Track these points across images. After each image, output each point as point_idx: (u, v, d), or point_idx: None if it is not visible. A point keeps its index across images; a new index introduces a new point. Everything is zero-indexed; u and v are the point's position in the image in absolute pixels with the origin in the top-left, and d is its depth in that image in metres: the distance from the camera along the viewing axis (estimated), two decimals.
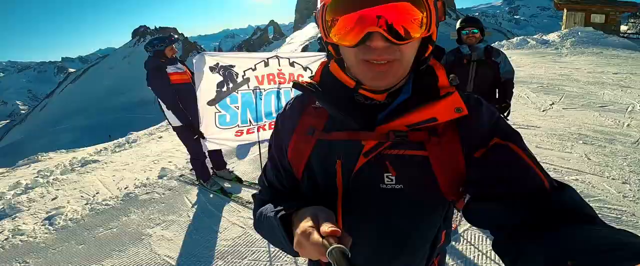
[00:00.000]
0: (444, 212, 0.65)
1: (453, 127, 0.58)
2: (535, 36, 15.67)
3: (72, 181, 4.46)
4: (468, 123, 0.57)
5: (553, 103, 5.70)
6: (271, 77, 3.05)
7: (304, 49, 60.35)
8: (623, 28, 18.59)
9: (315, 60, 3.18)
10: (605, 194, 2.85)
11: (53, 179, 4.48)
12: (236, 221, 3.03)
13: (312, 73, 3.10)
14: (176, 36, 3.42)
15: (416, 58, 0.58)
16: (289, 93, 3.16)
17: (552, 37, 14.47)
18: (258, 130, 3.10)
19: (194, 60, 2.85)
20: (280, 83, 3.10)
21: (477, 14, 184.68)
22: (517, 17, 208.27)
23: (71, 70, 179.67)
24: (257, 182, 3.43)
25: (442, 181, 0.57)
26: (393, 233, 0.64)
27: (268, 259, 2.50)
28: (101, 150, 5.96)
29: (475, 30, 2.70)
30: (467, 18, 2.85)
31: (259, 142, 3.15)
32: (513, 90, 2.89)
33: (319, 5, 0.57)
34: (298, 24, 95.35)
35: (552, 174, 3.14)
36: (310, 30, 78.09)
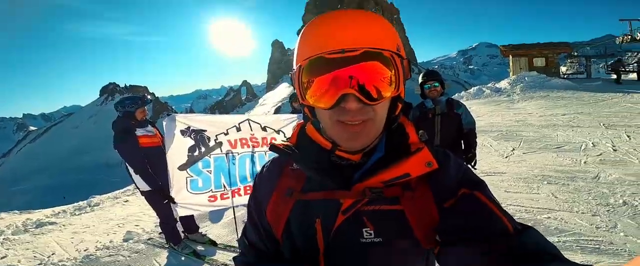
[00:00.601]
0: (424, 260, 0.65)
1: (424, 181, 0.61)
2: (488, 84, 17.31)
3: (25, 241, 4.18)
4: (438, 176, 0.61)
5: (514, 149, 6.20)
6: (244, 141, 3.04)
7: (277, 110, 61.80)
8: (562, 69, 20.93)
9: (287, 124, 3.23)
10: (578, 228, 3.06)
11: (3, 239, 4.19)
12: None
13: (284, 136, 3.14)
14: (149, 97, 3.40)
15: (387, 116, 0.62)
16: (264, 157, 3.13)
17: (503, 84, 16.06)
18: (233, 195, 3.02)
19: (165, 123, 2.81)
20: (253, 147, 3.08)
21: (436, 66, 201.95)
22: (471, 66, 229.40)
23: (32, 128, 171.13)
24: (235, 244, 3.36)
25: (418, 231, 0.59)
26: None
27: None
28: (59, 212, 5.65)
29: (436, 84, 2.94)
30: (427, 72, 3.10)
31: (233, 207, 3.08)
32: (476, 139, 3.10)
33: (294, 67, 0.61)
34: (270, 84, 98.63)
35: (523, 215, 3.41)
36: (283, 90, 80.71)
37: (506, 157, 5.77)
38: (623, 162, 4.80)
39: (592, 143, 6.00)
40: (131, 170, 3.05)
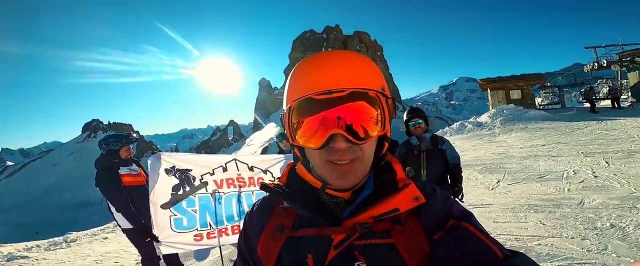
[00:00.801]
0: None
1: (413, 215, 0.62)
2: (470, 120, 17.96)
3: None
4: (426, 209, 0.63)
5: (499, 181, 6.29)
6: (231, 181, 3.02)
7: (264, 151, 61.34)
8: (538, 100, 21.91)
9: (274, 163, 3.23)
10: (570, 252, 3.05)
11: None
12: None
13: (272, 176, 3.14)
14: (134, 136, 3.36)
15: (375, 154, 0.64)
16: (251, 196, 3.10)
17: (484, 118, 16.66)
18: (220, 235, 2.96)
19: (150, 161, 2.78)
20: (240, 186, 3.05)
21: (419, 103, 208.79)
22: (453, 102, 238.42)
23: (9, 163, 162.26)
24: None
25: (410, 262, 0.59)
26: None
27: None
28: (32, 247, 5.25)
29: (421, 121, 3.05)
30: (412, 110, 3.19)
31: (220, 246, 3.03)
32: (461, 173, 3.16)
33: (284, 108, 0.64)
34: (257, 124, 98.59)
35: (514, 243, 3.38)
36: (270, 130, 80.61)
37: (492, 189, 5.84)
38: (605, 187, 4.92)
39: (573, 171, 6.17)
40: (113, 208, 3.00)
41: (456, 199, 2.99)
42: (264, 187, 0.70)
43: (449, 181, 3.17)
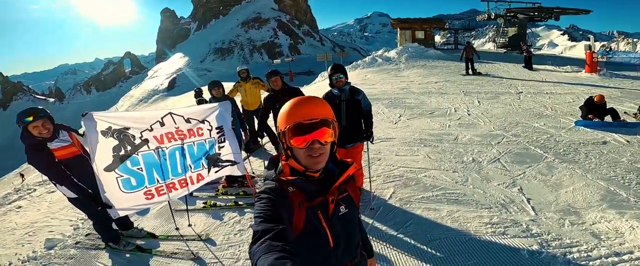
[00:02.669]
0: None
1: (352, 177, 1.24)
2: (380, 52, 19.17)
3: None
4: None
5: (400, 116, 7.20)
6: (170, 135, 3.00)
7: (172, 82, 55.91)
8: (437, 38, 24.88)
9: (210, 113, 3.24)
10: (444, 183, 3.89)
11: None
12: None
13: (209, 125, 3.28)
14: (42, 108, 2.88)
15: (331, 150, 1.15)
16: (193, 148, 3.14)
17: (392, 54, 17.95)
18: (169, 190, 3.02)
19: (82, 123, 2.60)
20: (181, 139, 3.06)
21: (335, 33, 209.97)
22: (366, 34, 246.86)
23: None
24: (174, 233, 3.38)
25: (356, 201, 1.25)
26: (351, 232, 1.25)
27: None
28: None
29: (342, 76, 3.37)
30: (334, 66, 3.48)
31: (169, 201, 3.14)
32: (372, 120, 3.63)
33: (281, 128, 1.10)
34: (160, 55, 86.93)
35: (409, 174, 4.13)
36: (177, 61, 72.08)
37: (395, 123, 6.67)
38: (473, 125, 6.14)
39: (454, 108, 7.42)
40: (54, 182, 2.83)
41: (368, 141, 3.44)
42: (287, 182, 1.11)
43: (363, 126, 3.56)
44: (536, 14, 22.60)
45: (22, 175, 11.95)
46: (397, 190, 3.82)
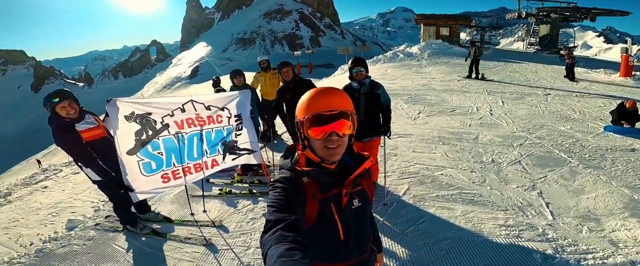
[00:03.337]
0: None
1: (368, 171, 1.23)
2: (402, 48, 18.85)
3: None
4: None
5: (420, 112, 7.07)
6: (190, 121, 3.11)
7: (195, 70, 57.09)
8: (463, 36, 24.17)
9: (229, 101, 3.32)
10: (461, 182, 3.82)
11: None
12: (182, 257, 2.97)
13: (228, 112, 3.38)
14: (69, 90, 3.03)
15: (348, 143, 1.13)
16: (211, 134, 3.24)
17: (415, 50, 17.58)
18: (185, 174, 3.13)
19: (106, 108, 2.71)
20: (201, 125, 3.15)
21: (357, 27, 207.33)
22: (389, 28, 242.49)
23: None
24: (189, 218, 3.50)
25: (370, 195, 1.24)
26: (363, 226, 1.25)
27: None
28: None
29: (362, 69, 3.35)
30: (355, 59, 3.47)
31: (186, 185, 3.25)
32: (391, 115, 3.60)
33: (300, 117, 1.09)
34: (185, 43, 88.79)
35: (425, 172, 4.09)
36: (201, 50, 73.51)
37: (414, 120, 6.57)
38: (495, 125, 5.97)
39: (477, 107, 7.24)
40: (81, 164, 2.96)
41: (385, 136, 3.45)
42: (303, 173, 1.11)
43: (382, 121, 3.57)
44: (570, 13, 21.45)
45: (38, 161, 12.12)
46: (412, 186, 3.80)
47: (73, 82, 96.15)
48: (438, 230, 2.95)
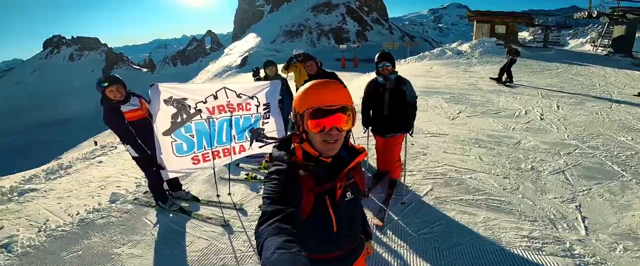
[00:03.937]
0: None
1: (359, 164, 1.25)
2: (452, 45, 17.85)
3: (14, 210, 4.18)
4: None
5: (460, 112, 6.69)
6: (221, 108, 3.33)
7: (244, 60, 59.35)
8: (525, 35, 22.07)
9: (260, 90, 3.49)
10: (490, 188, 3.58)
11: None
12: (200, 235, 3.20)
13: (257, 101, 3.51)
14: (117, 76, 3.29)
15: (345, 137, 1.15)
16: (239, 121, 3.44)
17: (465, 47, 16.58)
18: (214, 157, 3.36)
19: (150, 92, 3.01)
20: (231, 112, 3.36)
21: (406, 23, 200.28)
22: (441, 25, 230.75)
23: None
24: (216, 199, 3.74)
25: (361, 187, 1.27)
26: (354, 217, 1.28)
27: (236, 265, 2.76)
28: (31, 177, 5.49)
29: (388, 64, 3.29)
30: (381, 54, 3.40)
31: (214, 168, 3.47)
32: (416, 112, 3.47)
33: (299, 110, 1.08)
34: (237, 34, 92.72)
35: (453, 174, 3.92)
36: (250, 40, 76.37)
37: (452, 119, 6.24)
38: (544, 130, 5.45)
39: (525, 110, 6.66)
40: (122, 141, 3.36)
41: (408, 133, 3.35)
42: (301, 165, 1.12)
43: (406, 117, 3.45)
44: None
45: (95, 143, 13.56)
46: (435, 187, 3.64)
47: (138, 67, 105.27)
48: (453, 235, 2.83)
